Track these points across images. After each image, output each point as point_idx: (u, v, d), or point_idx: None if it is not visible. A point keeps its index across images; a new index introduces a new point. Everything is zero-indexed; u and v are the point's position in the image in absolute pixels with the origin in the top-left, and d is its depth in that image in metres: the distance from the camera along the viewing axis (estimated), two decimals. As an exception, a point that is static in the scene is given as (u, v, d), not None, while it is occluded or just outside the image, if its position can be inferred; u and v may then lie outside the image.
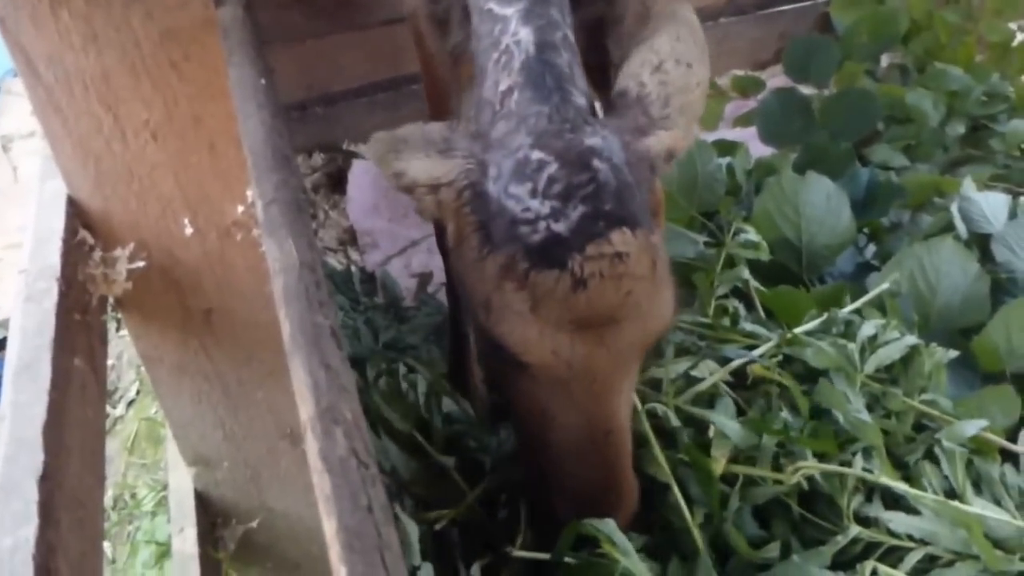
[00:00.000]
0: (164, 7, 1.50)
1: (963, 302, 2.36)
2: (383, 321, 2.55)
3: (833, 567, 1.58)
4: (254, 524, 2.05)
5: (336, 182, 3.45)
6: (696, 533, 1.55)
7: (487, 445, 1.81)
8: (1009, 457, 1.90)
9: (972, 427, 1.80)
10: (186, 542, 1.91)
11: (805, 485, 1.64)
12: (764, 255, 2.01)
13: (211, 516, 2.03)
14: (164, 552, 2.36)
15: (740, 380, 1.85)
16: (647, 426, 1.65)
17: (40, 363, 1.32)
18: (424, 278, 2.83)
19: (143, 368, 2.05)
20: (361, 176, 3.30)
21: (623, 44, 1.61)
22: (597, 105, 1.62)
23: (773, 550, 1.58)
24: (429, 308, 2.69)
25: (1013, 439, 1.95)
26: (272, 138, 1.27)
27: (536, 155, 1.30)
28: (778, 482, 1.62)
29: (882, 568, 1.55)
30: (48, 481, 1.18)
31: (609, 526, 1.43)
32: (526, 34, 1.41)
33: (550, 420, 1.42)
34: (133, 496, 2.75)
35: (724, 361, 1.83)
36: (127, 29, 1.50)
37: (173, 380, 1.84)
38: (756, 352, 1.86)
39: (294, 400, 1.91)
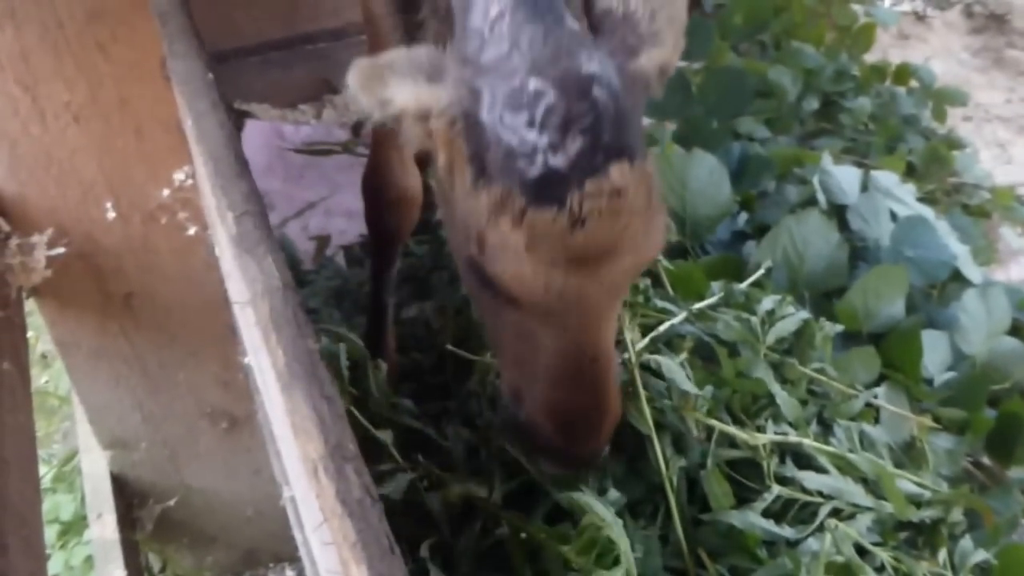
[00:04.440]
0: (90, -17, 1.28)
1: (826, 269, 2.41)
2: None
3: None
4: (172, 503, 1.87)
5: (228, 141, 3.16)
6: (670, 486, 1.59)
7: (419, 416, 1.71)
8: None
9: (859, 403, 1.90)
10: (105, 528, 1.72)
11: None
12: (672, 237, 1.95)
13: (127, 498, 1.83)
14: (67, 530, 2.13)
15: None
16: (637, 375, 1.64)
17: (-31, 373, 1.12)
18: (322, 241, 2.65)
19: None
20: (255, 136, 3.04)
21: None
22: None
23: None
24: (328, 271, 2.52)
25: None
26: (232, 140, 1.09)
27: (533, 83, 1.13)
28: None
29: (842, 526, 1.62)
30: (-6, 503, 1.00)
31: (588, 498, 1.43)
32: None
33: (538, 349, 1.32)
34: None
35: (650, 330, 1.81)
36: (49, 6, 1.28)
37: (90, 365, 1.64)
38: (672, 322, 1.83)
39: (215, 379, 1.73)
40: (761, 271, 2.12)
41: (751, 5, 3.28)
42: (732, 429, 1.69)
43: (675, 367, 1.71)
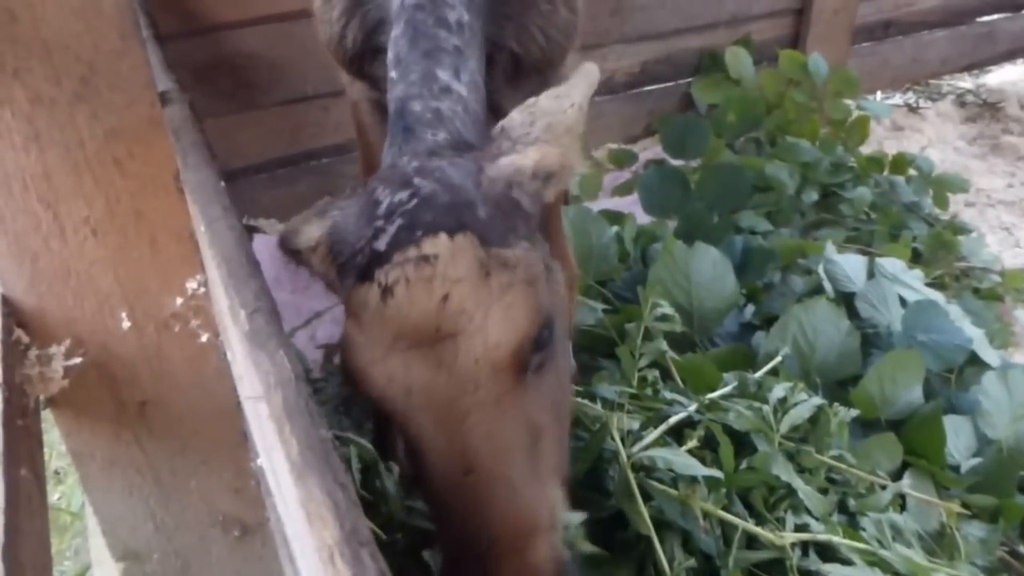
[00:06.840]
0: (110, 107, 1.36)
1: (838, 357, 2.41)
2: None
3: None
4: (183, 615, 1.87)
5: (237, 257, 3.25)
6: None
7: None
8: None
9: (887, 495, 1.89)
10: (118, 643, 1.72)
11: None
12: (678, 328, 2.00)
13: (140, 611, 1.84)
14: (81, 648, 2.13)
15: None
16: (630, 476, 1.62)
17: (-8, 480, 1.16)
18: (330, 349, 2.70)
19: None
20: (262, 250, 3.05)
21: None
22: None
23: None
24: (337, 379, 2.56)
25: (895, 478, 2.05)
26: (243, 243, 1.17)
27: (371, 186, 1.28)
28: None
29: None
30: (9, 611, 1.03)
31: None
32: (399, 91, 1.42)
33: (416, 463, 1.26)
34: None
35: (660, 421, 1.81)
36: (71, 128, 1.36)
37: (104, 475, 1.66)
38: (681, 415, 1.83)
39: (227, 486, 1.76)
40: (777, 359, 2.13)
41: (744, 104, 3.41)
42: (755, 527, 1.67)
43: (679, 455, 1.69)
